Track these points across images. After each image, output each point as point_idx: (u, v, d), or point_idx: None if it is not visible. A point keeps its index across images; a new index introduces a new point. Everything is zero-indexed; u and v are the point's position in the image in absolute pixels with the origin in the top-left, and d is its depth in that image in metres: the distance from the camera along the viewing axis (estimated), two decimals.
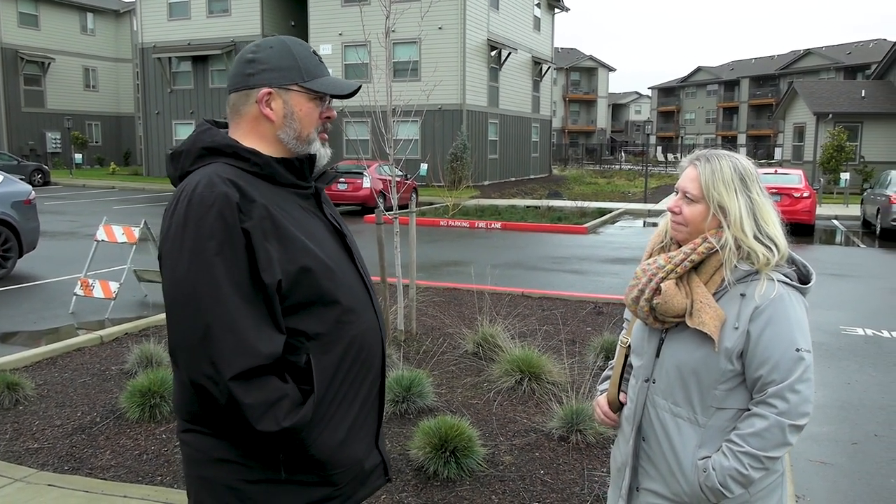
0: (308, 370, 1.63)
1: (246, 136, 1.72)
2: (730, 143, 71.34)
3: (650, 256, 2.01)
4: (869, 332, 7.75)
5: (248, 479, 1.64)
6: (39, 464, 4.15)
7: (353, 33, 27.88)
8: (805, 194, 16.47)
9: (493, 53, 30.79)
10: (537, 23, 36.64)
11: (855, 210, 21.54)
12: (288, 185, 1.72)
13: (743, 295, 1.83)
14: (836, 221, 19.96)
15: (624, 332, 2.14)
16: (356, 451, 1.74)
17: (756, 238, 1.85)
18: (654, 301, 1.88)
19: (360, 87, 1.80)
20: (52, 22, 40.49)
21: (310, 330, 1.64)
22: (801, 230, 16.73)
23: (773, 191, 16.39)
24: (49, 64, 39.88)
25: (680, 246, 1.95)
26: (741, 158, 1.93)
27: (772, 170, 18.85)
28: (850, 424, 5.17)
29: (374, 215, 6.28)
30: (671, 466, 1.91)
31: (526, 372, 5.22)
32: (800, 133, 32.98)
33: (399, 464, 4.06)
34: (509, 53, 32.03)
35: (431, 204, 21.70)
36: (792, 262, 1.92)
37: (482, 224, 17.72)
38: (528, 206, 21.16)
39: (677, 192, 1.96)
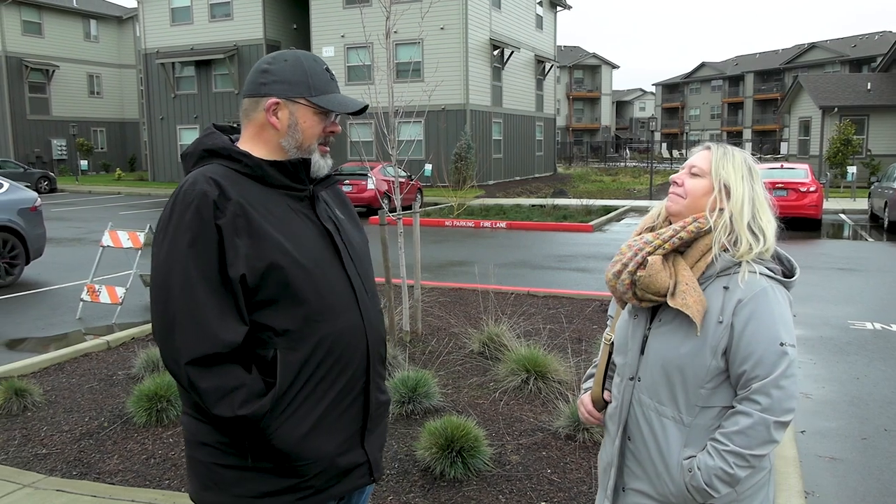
0: (274, 365, 1.71)
1: (252, 139, 1.84)
2: (735, 138, 71.15)
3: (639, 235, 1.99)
4: (878, 326, 7.71)
5: (221, 463, 1.75)
6: (48, 469, 4.16)
7: (356, 35, 27.92)
8: (812, 189, 16.40)
9: (495, 53, 30.78)
10: (539, 21, 36.61)
11: (862, 204, 21.46)
12: (280, 186, 1.80)
13: (726, 288, 1.81)
14: (843, 215, 19.88)
15: (608, 329, 2.12)
16: (323, 446, 1.77)
17: (749, 226, 1.84)
18: (638, 274, 1.85)
19: (367, 107, 1.89)
20: (56, 29, 40.65)
21: (278, 326, 1.71)
22: (808, 225, 16.67)
23: (780, 186, 16.34)
24: (53, 71, 40.05)
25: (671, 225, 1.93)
26: (751, 157, 1.95)
27: (778, 164, 18.77)
28: (859, 420, 5.14)
29: (378, 216, 6.28)
30: (657, 466, 1.89)
31: (532, 371, 5.20)
32: (805, 127, 32.87)
33: (406, 464, 4.06)
34: (512, 52, 32.01)
35: (436, 204, 21.71)
36: (777, 257, 1.90)
37: (487, 223, 17.71)
38: (533, 205, 21.14)
39: (683, 169, 1.96)
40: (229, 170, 1.76)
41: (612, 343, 2.05)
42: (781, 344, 1.76)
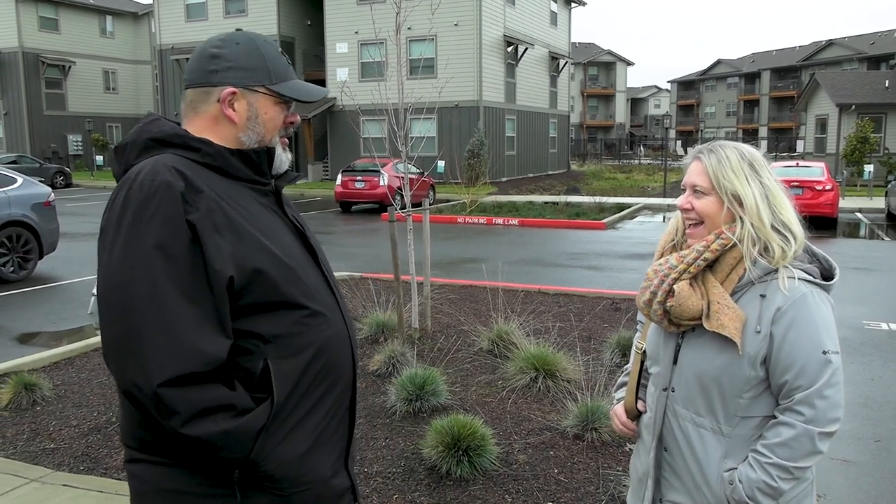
0: (264, 377, 1.49)
1: (203, 134, 1.60)
2: (751, 136, 70.58)
3: (661, 256, 1.90)
4: (893, 326, 7.60)
5: None
6: (55, 464, 4.17)
7: (370, 31, 27.91)
8: (827, 187, 16.23)
9: (509, 49, 30.70)
10: (554, 18, 36.46)
11: (879, 203, 21.21)
12: (244, 179, 1.60)
13: (763, 296, 1.72)
14: (859, 214, 19.67)
15: (638, 335, 2.04)
16: (319, 468, 1.59)
17: (773, 227, 1.75)
18: (668, 304, 1.77)
19: (327, 94, 1.73)
20: (72, 25, 40.91)
21: (266, 332, 1.50)
22: (823, 224, 16.49)
23: (795, 184, 16.17)
24: (69, 67, 40.31)
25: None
26: (746, 147, 1.83)
27: (793, 162, 18.61)
28: (872, 422, 5.07)
29: (387, 213, 6.26)
30: (696, 479, 1.82)
31: (541, 369, 5.17)
32: (822, 125, 32.56)
33: (412, 463, 4.03)
34: (526, 49, 31.90)
35: (449, 201, 21.67)
36: (813, 256, 1.81)
37: (499, 220, 17.65)
38: (545, 203, 21.07)
39: (685, 189, 1.85)
40: (187, 160, 1.52)
41: (644, 351, 1.97)
42: (824, 352, 1.68)
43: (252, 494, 1.51)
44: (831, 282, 1.77)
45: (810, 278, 1.74)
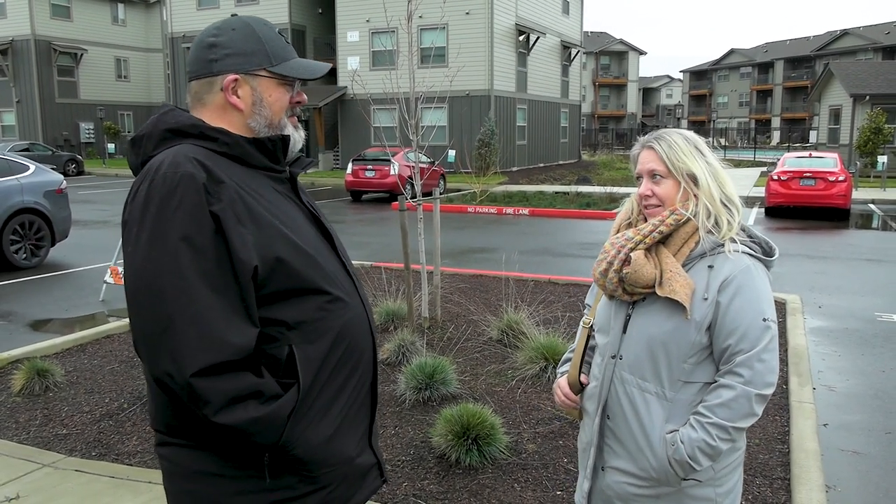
0: (290, 363, 1.53)
1: (213, 125, 1.62)
2: (764, 126, 70.11)
3: (617, 233, 2.03)
4: None
5: (233, 492, 1.54)
6: (67, 449, 4.21)
7: (381, 20, 27.84)
8: (840, 178, 16.09)
9: (521, 38, 30.54)
10: (566, 6, 36.24)
11: (892, 194, 21.07)
12: (261, 167, 1.62)
13: (711, 267, 1.86)
14: (872, 206, 19.52)
15: (586, 315, 2.16)
16: (345, 449, 1.63)
17: (721, 202, 1.90)
18: (624, 271, 1.89)
19: (330, 69, 1.74)
20: (84, 13, 40.98)
21: (290, 319, 1.53)
22: (836, 215, 16.38)
23: (808, 175, 16.06)
24: (81, 55, 40.40)
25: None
26: (688, 131, 1.99)
27: (806, 153, 18.46)
28: (884, 413, 5.05)
29: (398, 202, 6.25)
30: (639, 442, 1.91)
31: (550, 359, 5.16)
32: (836, 116, 32.27)
33: (421, 451, 4.05)
34: (538, 38, 31.74)
35: (459, 190, 21.63)
36: (752, 238, 1.94)
37: (510, 210, 17.62)
38: (556, 192, 20.99)
39: (640, 178, 1.99)
40: (205, 150, 1.54)
41: (591, 327, 2.09)
42: (764, 319, 1.82)
43: (280, 475, 1.55)
44: (772, 258, 1.92)
45: (753, 253, 1.89)
